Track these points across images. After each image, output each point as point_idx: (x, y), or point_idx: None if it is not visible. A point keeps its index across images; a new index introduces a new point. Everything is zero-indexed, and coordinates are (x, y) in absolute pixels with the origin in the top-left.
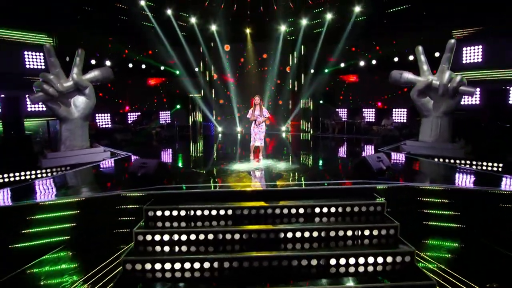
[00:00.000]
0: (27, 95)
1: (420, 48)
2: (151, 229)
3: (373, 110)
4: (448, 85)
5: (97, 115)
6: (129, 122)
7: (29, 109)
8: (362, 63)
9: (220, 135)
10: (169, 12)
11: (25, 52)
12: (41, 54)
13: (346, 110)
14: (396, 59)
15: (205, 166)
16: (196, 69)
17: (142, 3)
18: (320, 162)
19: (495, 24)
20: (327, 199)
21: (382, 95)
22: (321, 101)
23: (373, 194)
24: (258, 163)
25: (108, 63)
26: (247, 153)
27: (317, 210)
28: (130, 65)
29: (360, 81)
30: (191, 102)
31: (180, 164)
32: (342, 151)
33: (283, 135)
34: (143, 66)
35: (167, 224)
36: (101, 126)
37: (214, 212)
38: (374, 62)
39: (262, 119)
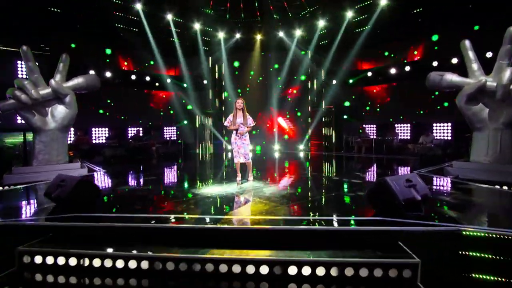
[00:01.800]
0: None
1: (467, 42)
2: (22, 285)
3: (408, 125)
4: (511, 87)
5: (93, 129)
6: (129, 137)
7: (18, 121)
8: (393, 71)
9: (230, 153)
10: (169, 17)
11: (18, 62)
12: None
13: (374, 126)
14: (435, 63)
15: (169, 188)
16: (205, 82)
17: (138, 6)
18: (327, 188)
19: None
20: (313, 251)
21: (419, 108)
22: (345, 116)
23: (397, 244)
24: (241, 185)
25: (108, 74)
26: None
27: (292, 270)
28: (133, 77)
29: (392, 92)
30: (199, 118)
31: (133, 185)
32: (366, 174)
33: (301, 154)
34: (148, 78)
35: (50, 278)
36: (95, 142)
37: (120, 264)
38: (407, 68)
39: (246, 129)
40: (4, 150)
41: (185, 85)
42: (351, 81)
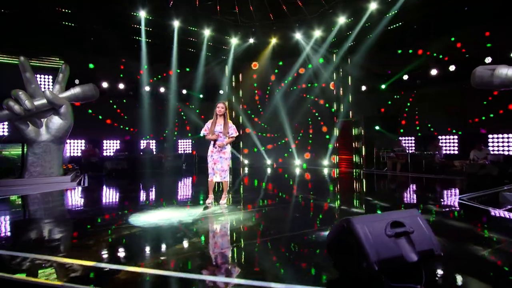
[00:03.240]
0: None
1: None
2: None
3: (455, 137)
4: None
5: (105, 141)
6: (140, 150)
7: None
8: (434, 72)
9: (246, 168)
10: (176, 24)
11: (37, 76)
12: (51, 76)
13: (413, 138)
14: (488, 59)
15: (108, 210)
16: (221, 92)
17: (142, 14)
18: (308, 222)
19: None
20: None
21: (470, 115)
22: (376, 127)
23: None
24: (204, 211)
25: (121, 86)
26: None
27: None
28: (147, 88)
29: (433, 97)
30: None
31: (74, 206)
32: (388, 201)
33: (325, 171)
34: (162, 90)
35: None
36: (106, 154)
37: None
38: (452, 68)
39: (227, 140)
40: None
41: (201, 96)
42: (383, 86)
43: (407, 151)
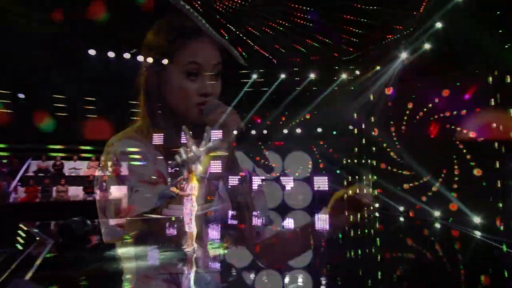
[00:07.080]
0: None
1: None
2: None
3: None
4: None
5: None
6: None
7: None
8: None
9: (377, 213)
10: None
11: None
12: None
13: None
14: None
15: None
16: (350, 127)
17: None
18: None
19: None
20: None
21: None
22: None
23: None
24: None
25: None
26: None
27: None
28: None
29: None
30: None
31: None
32: None
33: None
34: (298, 130)
35: None
36: None
37: None
38: None
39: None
40: None
41: (334, 132)
42: None
43: None
